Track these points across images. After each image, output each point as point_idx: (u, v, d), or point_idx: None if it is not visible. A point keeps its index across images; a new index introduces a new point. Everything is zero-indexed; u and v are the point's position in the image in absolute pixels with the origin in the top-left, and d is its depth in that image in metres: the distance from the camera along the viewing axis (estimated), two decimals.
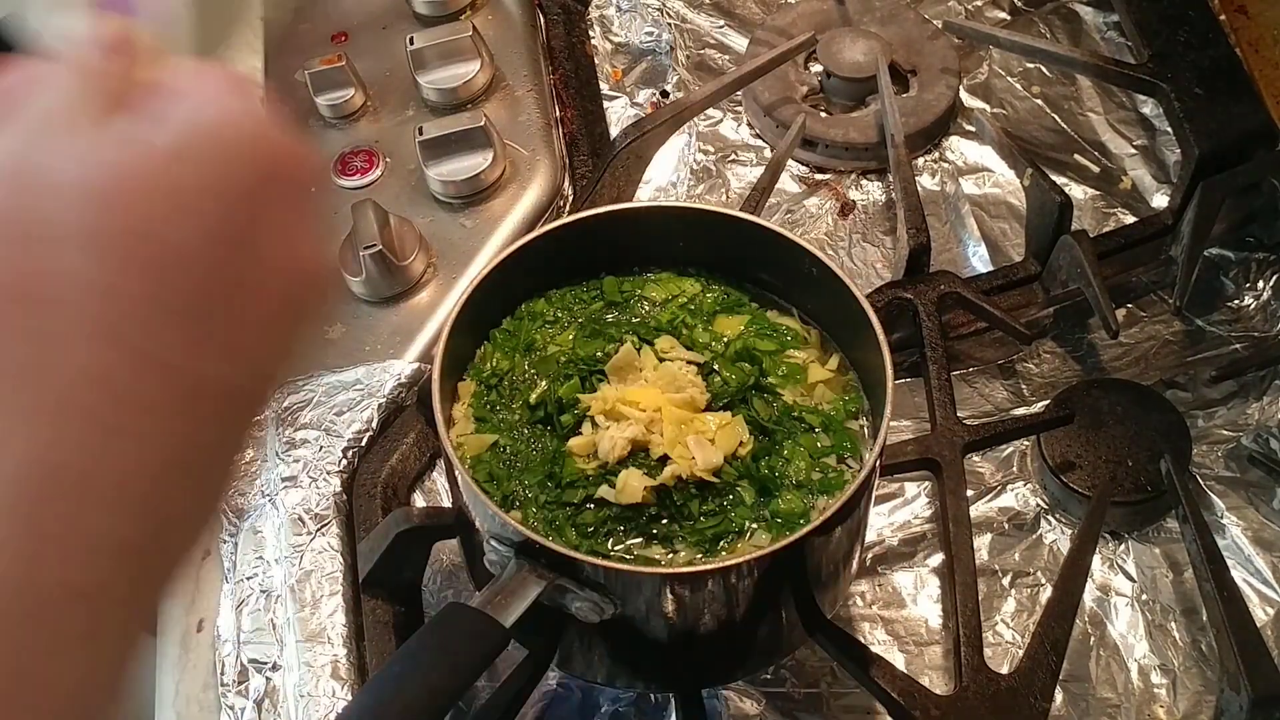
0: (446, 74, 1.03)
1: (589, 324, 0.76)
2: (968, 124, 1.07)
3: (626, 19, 1.15)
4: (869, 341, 0.71)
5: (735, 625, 0.70)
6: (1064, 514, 0.86)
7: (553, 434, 0.72)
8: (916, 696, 0.72)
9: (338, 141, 1.03)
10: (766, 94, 1.07)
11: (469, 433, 0.73)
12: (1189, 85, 1.00)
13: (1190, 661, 0.80)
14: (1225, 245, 0.98)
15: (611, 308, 0.78)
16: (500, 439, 0.72)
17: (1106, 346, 0.94)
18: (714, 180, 1.05)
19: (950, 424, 0.84)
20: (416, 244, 0.95)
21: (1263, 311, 0.95)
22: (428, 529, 0.77)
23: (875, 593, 0.83)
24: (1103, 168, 1.05)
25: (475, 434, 0.73)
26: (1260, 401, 0.90)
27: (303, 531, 0.82)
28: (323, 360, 0.90)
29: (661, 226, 0.78)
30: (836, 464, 0.72)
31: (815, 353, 0.77)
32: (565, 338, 0.76)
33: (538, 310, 0.78)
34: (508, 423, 0.73)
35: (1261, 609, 0.81)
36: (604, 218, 0.78)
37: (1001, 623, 0.82)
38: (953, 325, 0.93)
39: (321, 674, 0.77)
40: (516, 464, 0.71)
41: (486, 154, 0.98)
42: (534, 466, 0.71)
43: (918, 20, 1.12)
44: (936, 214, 1.02)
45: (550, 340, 0.76)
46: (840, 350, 0.77)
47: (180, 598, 0.85)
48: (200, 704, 0.80)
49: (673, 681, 0.77)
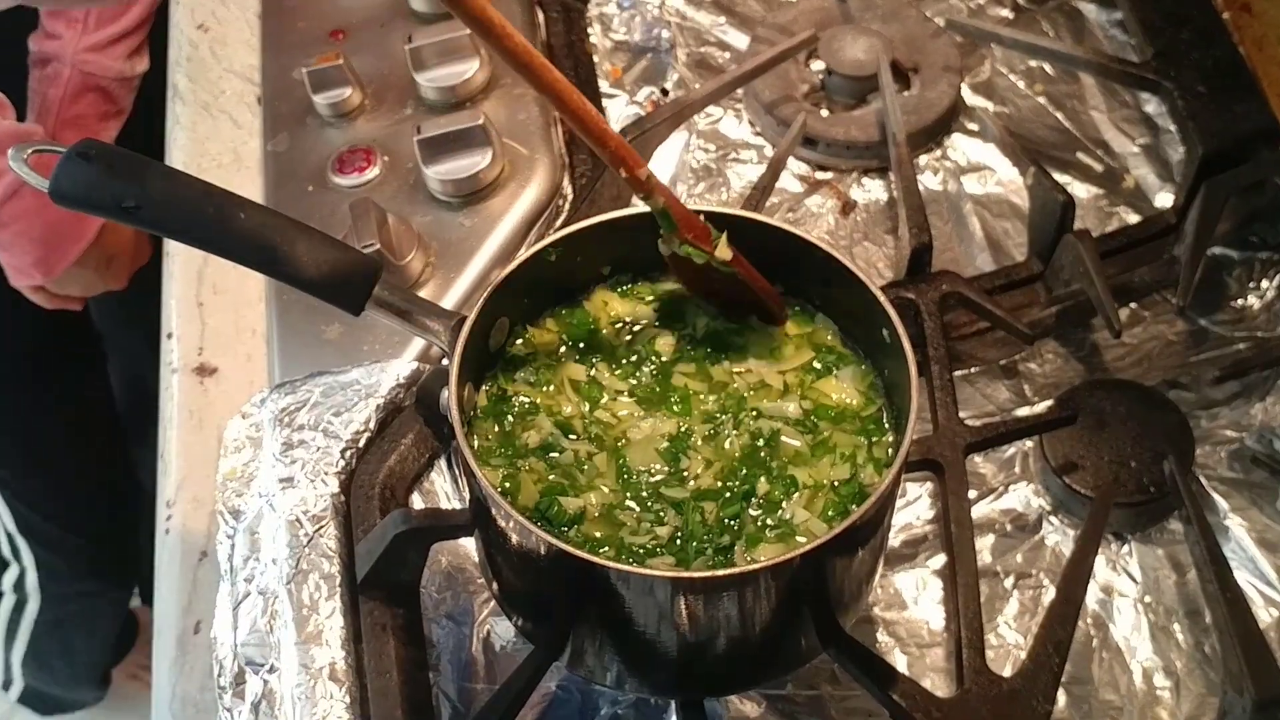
0: (445, 72, 1.03)
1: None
2: (970, 122, 1.07)
3: (626, 17, 1.14)
4: (891, 348, 0.71)
5: (749, 634, 0.70)
6: (1066, 515, 0.86)
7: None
8: (918, 699, 0.72)
9: (336, 140, 1.02)
10: (767, 92, 1.06)
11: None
12: (1192, 84, 1.00)
13: (1193, 663, 0.79)
14: (1229, 244, 0.97)
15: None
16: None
17: (1109, 346, 0.93)
18: (714, 179, 1.04)
19: (952, 424, 0.83)
20: (415, 243, 0.94)
21: (1267, 311, 0.95)
22: (426, 530, 0.77)
23: (877, 594, 0.83)
24: (1106, 166, 1.04)
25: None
26: (1264, 402, 0.90)
27: (300, 533, 0.82)
28: (320, 361, 0.90)
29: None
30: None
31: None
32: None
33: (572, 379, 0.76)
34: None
35: (1265, 611, 0.81)
36: (614, 223, 0.77)
37: (1004, 624, 0.81)
38: (955, 325, 0.92)
39: (319, 676, 0.76)
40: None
41: (485, 153, 0.98)
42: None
43: (920, 18, 1.11)
44: (938, 213, 1.01)
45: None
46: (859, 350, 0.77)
47: (177, 599, 0.85)
48: (197, 705, 0.80)
49: (682, 688, 0.76)
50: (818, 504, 0.70)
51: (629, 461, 0.72)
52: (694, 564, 0.68)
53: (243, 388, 0.93)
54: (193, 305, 0.98)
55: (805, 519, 0.70)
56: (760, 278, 0.76)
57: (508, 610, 0.78)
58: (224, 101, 1.09)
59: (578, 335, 0.78)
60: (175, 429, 0.92)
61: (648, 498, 0.71)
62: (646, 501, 0.71)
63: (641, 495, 0.71)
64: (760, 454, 0.72)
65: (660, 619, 0.68)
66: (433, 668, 0.80)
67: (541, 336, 0.78)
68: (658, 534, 0.70)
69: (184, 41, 1.13)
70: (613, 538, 0.70)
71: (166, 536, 0.87)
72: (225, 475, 0.86)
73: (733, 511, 0.70)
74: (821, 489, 0.71)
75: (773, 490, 0.71)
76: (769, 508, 0.70)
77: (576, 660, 0.75)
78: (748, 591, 0.67)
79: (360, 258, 0.74)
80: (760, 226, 0.77)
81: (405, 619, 0.80)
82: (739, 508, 0.70)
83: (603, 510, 0.71)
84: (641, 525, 0.70)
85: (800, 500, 0.70)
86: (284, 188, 1.01)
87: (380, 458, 0.85)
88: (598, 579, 0.66)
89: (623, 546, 0.69)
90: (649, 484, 0.72)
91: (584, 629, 0.72)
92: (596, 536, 0.70)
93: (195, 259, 0.99)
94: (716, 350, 0.77)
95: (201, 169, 1.05)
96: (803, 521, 0.70)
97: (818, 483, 0.71)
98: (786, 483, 0.71)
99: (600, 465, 0.72)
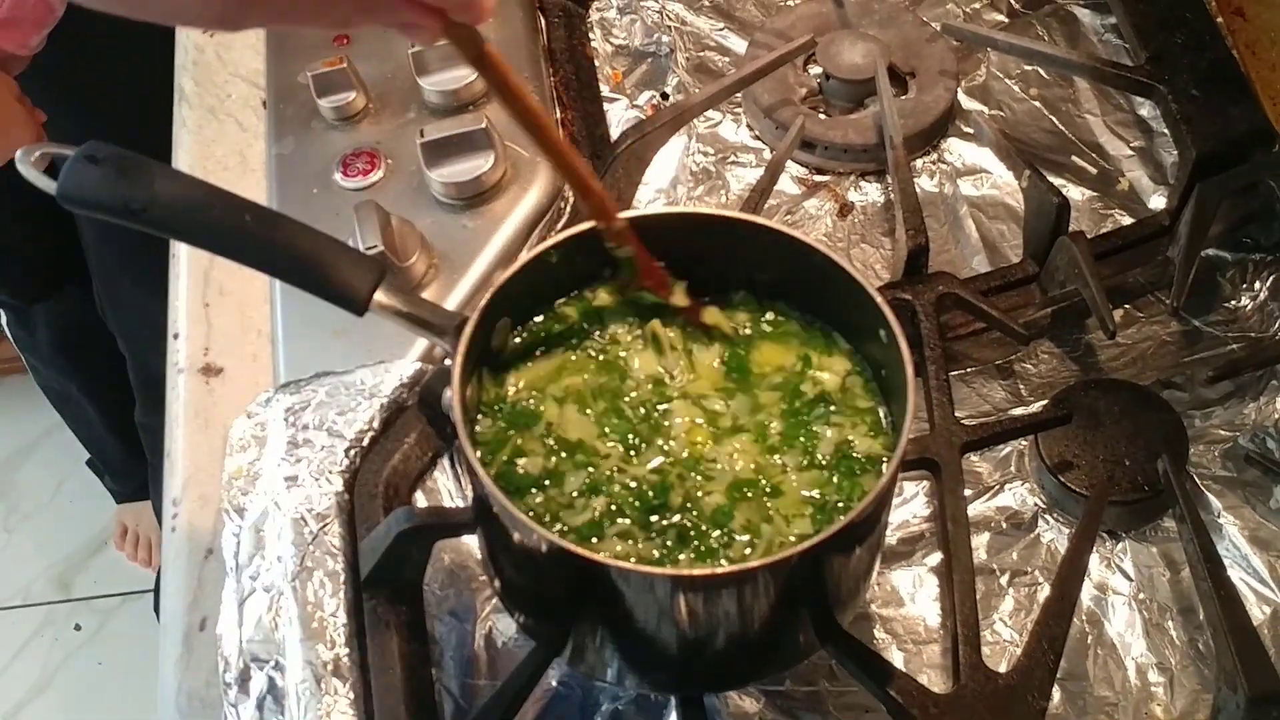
0: (448, 76, 1.04)
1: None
2: (966, 126, 1.08)
3: (627, 22, 1.15)
4: (888, 348, 0.72)
5: (748, 631, 0.71)
6: (1062, 513, 0.87)
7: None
8: (915, 695, 0.72)
9: (340, 143, 1.03)
10: (766, 96, 1.07)
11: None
12: (1186, 87, 1.00)
13: (1187, 660, 0.80)
14: (1222, 246, 0.98)
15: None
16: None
17: (1104, 347, 0.94)
18: (714, 182, 1.05)
19: (948, 424, 0.84)
20: (418, 245, 0.95)
21: (1260, 312, 0.95)
22: (429, 528, 0.78)
23: (874, 591, 0.84)
24: (1100, 169, 1.05)
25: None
26: (1257, 402, 0.91)
27: (305, 531, 0.83)
28: (325, 361, 0.91)
29: (675, 232, 0.79)
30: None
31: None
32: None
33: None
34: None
35: (1258, 608, 0.82)
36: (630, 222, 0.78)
37: (999, 621, 0.82)
38: (951, 326, 0.93)
39: (323, 672, 0.77)
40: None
41: (488, 156, 0.98)
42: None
43: (916, 23, 1.12)
44: (935, 215, 1.02)
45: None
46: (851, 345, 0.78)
47: (183, 596, 0.86)
48: (203, 701, 0.81)
49: (682, 685, 0.77)
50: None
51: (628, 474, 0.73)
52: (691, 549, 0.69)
53: (248, 388, 0.93)
54: (199, 306, 0.99)
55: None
56: (700, 322, 0.78)
57: (510, 607, 0.78)
58: (230, 105, 1.10)
59: (577, 335, 0.79)
60: (181, 428, 0.93)
61: (641, 507, 0.72)
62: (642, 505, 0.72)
63: (636, 507, 0.72)
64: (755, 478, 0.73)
65: (660, 616, 0.69)
66: (436, 664, 0.81)
67: (540, 337, 0.79)
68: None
69: (190, 46, 1.14)
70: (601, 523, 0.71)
71: (173, 534, 0.88)
72: (231, 474, 0.87)
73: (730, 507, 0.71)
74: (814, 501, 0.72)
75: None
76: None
77: (577, 657, 0.75)
78: (746, 589, 0.68)
79: (364, 259, 0.75)
80: (758, 229, 0.78)
81: (408, 616, 0.80)
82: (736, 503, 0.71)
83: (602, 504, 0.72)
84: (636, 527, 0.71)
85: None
86: (289, 190, 1.01)
87: (384, 457, 0.86)
88: (598, 577, 0.67)
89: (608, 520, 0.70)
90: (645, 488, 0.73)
91: (585, 626, 0.73)
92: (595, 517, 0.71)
93: (201, 261, 1.00)
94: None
95: (207, 172, 1.06)
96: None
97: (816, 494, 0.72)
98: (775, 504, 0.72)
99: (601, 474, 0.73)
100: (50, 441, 2.34)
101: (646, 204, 1.03)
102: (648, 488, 0.72)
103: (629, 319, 0.79)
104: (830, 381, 0.76)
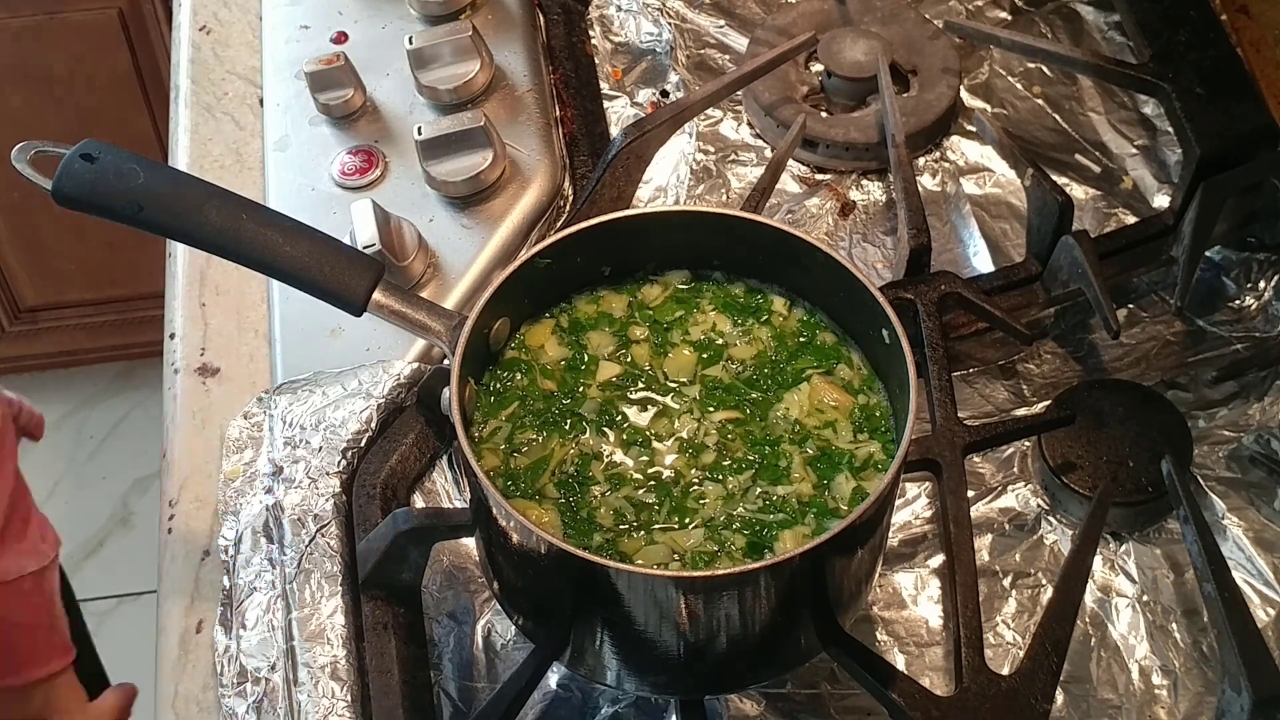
0: (446, 73, 1.03)
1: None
2: (968, 124, 1.07)
3: (627, 19, 1.14)
4: (890, 348, 0.72)
5: (749, 633, 0.70)
6: (1065, 515, 0.86)
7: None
8: (917, 697, 0.72)
9: (337, 141, 1.03)
10: (767, 94, 1.07)
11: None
12: (1190, 85, 1.00)
13: (1191, 662, 0.80)
14: (1226, 245, 0.98)
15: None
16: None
17: (1107, 347, 0.94)
18: (714, 180, 1.05)
19: (951, 424, 0.83)
20: (416, 244, 0.94)
21: (1264, 312, 0.95)
22: (428, 530, 0.77)
23: (875, 593, 0.83)
24: (1104, 168, 1.04)
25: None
26: (1261, 402, 0.90)
27: (302, 532, 0.82)
28: (322, 361, 0.90)
29: (676, 230, 0.79)
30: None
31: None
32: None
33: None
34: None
35: (1262, 610, 0.81)
36: (614, 224, 0.78)
37: (1002, 623, 0.82)
38: (953, 325, 0.93)
39: (320, 675, 0.77)
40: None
41: (486, 154, 0.98)
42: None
43: (918, 20, 1.12)
44: (937, 214, 1.02)
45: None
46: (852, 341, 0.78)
47: (179, 599, 0.85)
48: (200, 704, 0.80)
49: (682, 687, 0.77)
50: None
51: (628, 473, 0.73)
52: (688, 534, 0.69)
53: (245, 388, 0.93)
54: (195, 306, 0.98)
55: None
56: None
57: (509, 609, 0.78)
58: (226, 103, 1.09)
59: (577, 334, 0.79)
60: (178, 429, 0.92)
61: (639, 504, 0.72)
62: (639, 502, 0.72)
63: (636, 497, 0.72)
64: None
65: (660, 618, 0.69)
66: (434, 666, 0.80)
67: (538, 337, 0.78)
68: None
69: (186, 43, 1.14)
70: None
71: (169, 536, 0.88)
72: (227, 475, 0.86)
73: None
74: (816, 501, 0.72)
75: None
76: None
77: (577, 659, 0.75)
78: (747, 591, 0.67)
79: (362, 259, 0.74)
80: (760, 227, 0.77)
81: (406, 618, 0.80)
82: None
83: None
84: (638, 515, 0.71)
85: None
86: (286, 189, 1.01)
87: (382, 457, 0.86)
88: (598, 578, 0.66)
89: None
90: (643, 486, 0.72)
91: (584, 628, 0.72)
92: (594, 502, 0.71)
93: (198, 260, 0.99)
94: (714, 352, 0.78)
95: (204, 170, 1.05)
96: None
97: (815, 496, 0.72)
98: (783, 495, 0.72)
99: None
100: (46, 443, 2.33)
101: (646, 202, 1.02)
102: (647, 488, 0.71)
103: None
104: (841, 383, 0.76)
